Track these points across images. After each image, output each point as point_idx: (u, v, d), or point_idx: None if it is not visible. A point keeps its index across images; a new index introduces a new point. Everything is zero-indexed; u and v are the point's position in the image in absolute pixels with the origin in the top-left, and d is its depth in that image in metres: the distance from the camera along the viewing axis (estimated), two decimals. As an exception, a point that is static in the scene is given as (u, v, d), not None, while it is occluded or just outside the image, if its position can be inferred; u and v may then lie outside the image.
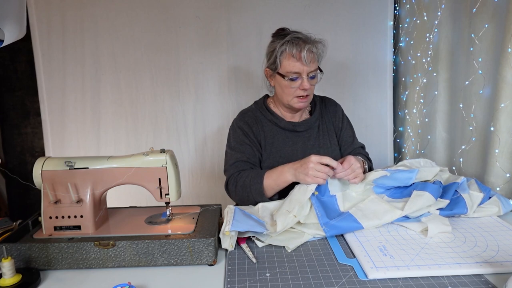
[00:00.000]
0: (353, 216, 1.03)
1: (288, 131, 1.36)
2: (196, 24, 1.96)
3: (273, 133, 1.35)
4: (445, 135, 1.67)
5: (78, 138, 2.02)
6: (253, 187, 1.19)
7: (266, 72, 1.34)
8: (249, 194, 1.20)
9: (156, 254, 0.87)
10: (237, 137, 1.34)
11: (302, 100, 1.29)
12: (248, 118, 1.36)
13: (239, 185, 1.23)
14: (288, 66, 1.23)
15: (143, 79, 1.99)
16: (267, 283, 0.80)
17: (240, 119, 1.38)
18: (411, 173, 1.14)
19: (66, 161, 0.95)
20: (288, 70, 1.24)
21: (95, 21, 1.92)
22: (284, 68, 1.24)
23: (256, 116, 1.37)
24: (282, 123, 1.35)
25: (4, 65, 2.12)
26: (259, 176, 1.19)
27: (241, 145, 1.32)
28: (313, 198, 1.06)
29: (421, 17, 1.75)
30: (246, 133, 1.34)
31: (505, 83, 1.23)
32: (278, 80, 1.29)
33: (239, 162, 1.29)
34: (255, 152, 1.32)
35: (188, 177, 2.07)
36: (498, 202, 1.13)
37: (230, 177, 1.28)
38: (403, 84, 1.98)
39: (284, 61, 1.24)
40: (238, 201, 1.27)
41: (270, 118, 1.36)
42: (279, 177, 1.16)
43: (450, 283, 0.79)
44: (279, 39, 1.26)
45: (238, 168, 1.27)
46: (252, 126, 1.35)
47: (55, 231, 0.94)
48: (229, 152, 1.33)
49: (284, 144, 1.35)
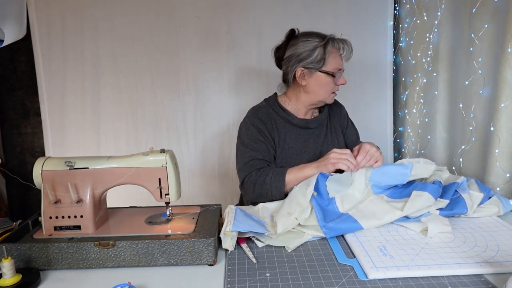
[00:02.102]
0: (353, 217, 1.03)
1: (300, 128, 1.38)
2: (196, 24, 1.96)
3: (286, 129, 1.37)
4: (445, 135, 1.67)
5: (78, 138, 2.02)
6: (273, 185, 1.19)
7: (300, 71, 1.31)
8: (268, 191, 1.20)
9: (156, 254, 0.87)
10: (250, 134, 1.33)
11: (334, 96, 1.38)
12: (261, 115, 1.36)
13: (258, 183, 1.23)
14: (334, 64, 1.30)
15: (143, 79, 2.00)
16: (267, 283, 0.80)
17: (253, 115, 1.37)
18: (406, 169, 1.14)
19: (66, 161, 0.95)
20: (334, 67, 1.30)
21: (95, 21, 1.92)
22: (330, 65, 1.30)
23: (268, 112, 1.38)
24: (295, 120, 1.37)
25: (4, 65, 2.12)
26: (279, 174, 1.20)
27: (255, 143, 1.31)
28: (313, 201, 1.05)
29: (421, 17, 1.75)
30: (260, 130, 1.33)
31: (505, 83, 1.23)
32: (318, 78, 1.31)
33: (254, 160, 1.28)
34: (269, 149, 1.32)
35: (188, 177, 2.07)
36: (498, 202, 1.13)
37: (246, 176, 1.27)
38: (403, 84, 1.98)
39: (330, 58, 1.29)
40: (254, 199, 1.25)
41: (282, 115, 1.37)
42: (300, 173, 1.18)
43: (450, 283, 0.79)
44: (314, 38, 1.28)
45: (255, 167, 1.27)
46: (266, 122, 1.34)
47: (55, 231, 0.94)
48: (243, 149, 1.32)
49: (296, 141, 1.37)
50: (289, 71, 1.34)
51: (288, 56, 1.32)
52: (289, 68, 1.33)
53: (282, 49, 1.34)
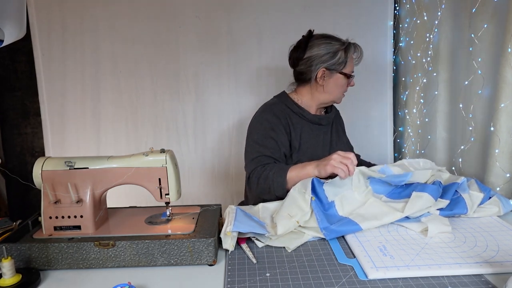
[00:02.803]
0: (353, 221, 1.03)
1: (313, 123, 1.42)
2: (196, 24, 1.96)
3: (300, 124, 1.40)
4: (445, 135, 1.67)
5: (78, 138, 2.02)
6: (275, 181, 1.20)
7: (322, 72, 1.36)
8: (270, 186, 1.21)
9: (156, 254, 0.87)
10: (262, 130, 1.34)
11: (343, 97, 1.46)
12: (276, 110, 1.38)
13: (262, 177, 1.24)
14: (350, 67, 1.40)
15: (143, 79, 2.00)
16: (267, 283, 0.80)
17: (268, 111, 1.39)
18: (405, 177, 1.14)
19: (66, 161, 0.95)
20: (350, 70, 1.40)
21: (95, 21, 1.92)
22: (349, 68, 1.39)
23: (283, 108, 1.40)
24: (309, 115, 1.41)
25: (4, 65, 2.12)
26: (282, 171, 1.21)
27: (265, 139, 1.32)
28: (313, 203, 1.05)
29: (421, 17, 1.75)
30: (275, 125, 1.34)
31: (505, 83, 1.23)
32: (337, 79, 1.38)
33: (262, 156, 1.29)
34: (279, 146, 1.33)
35: (188, 177, 2.07)
36: (498, 202, 1.12)
37: (252, 171, 1.28)
38: (403, 84, 1.98)
39: (349, 62, 1.38)
40: (259, 194, 1.27)
41: (297, 111, 1.40)
42: (301, 171, 1.18)
43: (450, 283, 0.79)
44: (335, 42, 1.35)
45: (261, 162, 1.28)
46: (281, 118, 1.36)
47: (55, 231, 0.94)
48: (252, 145, 1.34)
49: (310, 136, 1.40)
50: (309, 71, 1.37)
51: (309, 56, 1.36)
52: (311, 68, 1.36)
53: (302, 49, 1.37)
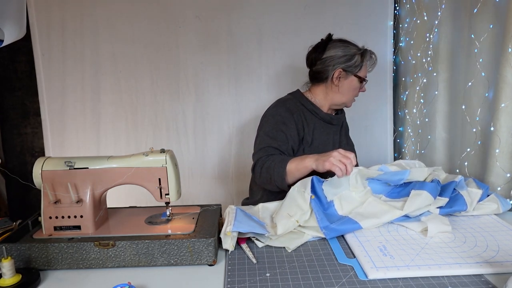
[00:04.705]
0: (353, 219, 1.03)
1: (325, 122, 1.46)
2: (196, 24, 1.96)
3: (313, 121, 1.43)
4: (445, 135, 1.67)
5: (78, 138, 2.02)
6: (276, 170, 1.21)
7: (338, 72, 1.39)
8: (271, 176, 1.22)
9: (156, 254, 0.87)
10: (274, 123, 1.37)
11: (354, 101, 1.50)
12: (289, 105, 1.41)
13: (264, 167, 1.26)
14: (364, 72, 1.44)
15: (143, 79, 1.99)
16: (267, 283, 0.80)
17: (281, 106, 1.42)
18: (403, 175, 1.16)
19: (66, 161, 0.95)
20: (364, 74, 1.44)
21: (95, 21, 1.92)
22: (363, 72, 1.43)
23: (296, 105, 1.43)
24: (322, 113, 1.45)
25: (4, 65, 2.11)
26: (283, 161, 1.22)
27: (275, 131, 1.34)
28: (313, 202, 1.05)
29: (421, 17, 1.75)
30: (287, 119, 1.36)
31: (505, 83, 1.23)
32: (352, 81, 1.42)
33: (269, 147, 1.32)
34: (289, 140, 1.34)
35: (188, 177, 2.06)
36: (497, 200, 1.13)
37: (257, 160, 1.31)
38: (403, 84, 1.98)
39: (364, 66, 1.43)
40: (262, 183, 1.31)
41: (310, 108, 1.43)
42: (300, 163, 1.19)
43: (450, 283, 0.79)
44: (352, 46, 1.40)
45: (267, 152, 1.30)
46: (294, 113, 1.39)
47: (55, 231, 0.94)
48: (262, 136, 1.37)
49: (320, 134, 1.43)
50: (326, 70, 1.41)
51: (328, 56, 1.39)
52: (328, 68, 1.40)
53: (320, 50, 1.41)
